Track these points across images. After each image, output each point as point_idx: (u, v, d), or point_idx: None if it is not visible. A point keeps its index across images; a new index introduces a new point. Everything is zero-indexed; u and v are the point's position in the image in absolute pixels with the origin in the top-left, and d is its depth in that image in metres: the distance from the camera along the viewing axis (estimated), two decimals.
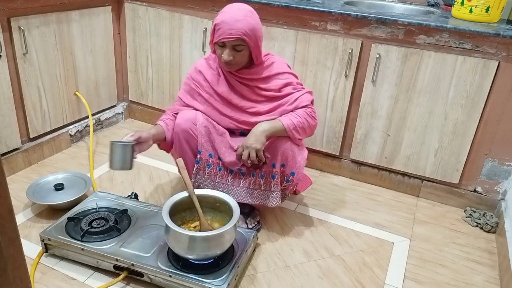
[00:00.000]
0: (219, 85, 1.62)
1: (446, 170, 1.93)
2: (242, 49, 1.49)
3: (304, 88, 1.62)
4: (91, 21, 2.23)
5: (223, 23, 1.45)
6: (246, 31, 1.44)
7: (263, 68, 1.60)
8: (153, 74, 2.46)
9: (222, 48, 1.49)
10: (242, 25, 1.44)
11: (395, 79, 1.88)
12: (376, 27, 1.85)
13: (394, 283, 1.52)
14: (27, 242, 1.56)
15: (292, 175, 1.59)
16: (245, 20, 1.45)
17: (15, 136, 1.96)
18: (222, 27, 1.44)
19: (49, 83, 2.07)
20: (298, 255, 1.61)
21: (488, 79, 1.73)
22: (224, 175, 1.65)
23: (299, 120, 1.53)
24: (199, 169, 1.64)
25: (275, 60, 1.63)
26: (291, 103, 1.56)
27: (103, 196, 1.70)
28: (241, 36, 1.44)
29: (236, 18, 1.44)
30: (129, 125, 2.61)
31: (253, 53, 1.52)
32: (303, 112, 1.55)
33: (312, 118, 1.57)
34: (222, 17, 1.46)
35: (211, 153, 1.63)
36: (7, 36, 1.82)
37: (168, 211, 1.37)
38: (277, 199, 1.60)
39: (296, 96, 1.57)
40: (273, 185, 1.59)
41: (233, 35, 1.43)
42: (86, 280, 1.42)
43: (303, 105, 1.56)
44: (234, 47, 1.48)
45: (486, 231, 1.84)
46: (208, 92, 1.64)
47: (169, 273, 1.34)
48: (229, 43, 1.46)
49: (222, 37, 1.45)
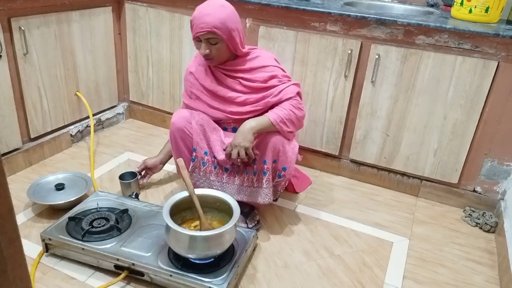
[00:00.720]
0: (206, 79, 1.68)
1: (446, 170, 1.94)
2: (217, 42, 1.54)
3: (290, 81, 1.64)
4: (91, 22, 2.23)
5: (194, 19, 1.53)
6: (216, 24, 1.50)
7: (247, 60, 1.65)
8: (153, 74, 2.47)
9: (199, 43, 1.56)
10: (211, 18, 1.50)
11: (394, 79, 1.89)
12: (376, 27, 1.86)
13: (393, 282, 1.52)
14: (28, 242, 1.57)
15: (283, 170, 1.58)
16: (213, 14, 1.50)
17: (16, 136, 1.96)
18: (195, 23, 1.53)
19: (50, 83, 2.08)
20: (298, 255, 1.62)
21: (488, 79, 1.73)
22: (219, 173, 1.66)
23: (285, 113, 1.55)
24: (194, 167, 1.65)
25: (260, 54, 1.67)
26: (275, 95, 1.59)
27: (104, 196, 1.71)
28: (211, 29, 1.50)
29: (205, 13, 1.51)
30: (130, 125, 2.61)
31: (230, 45, 1.56)
32: (288, 104, 1.57)
33: (298, 109, 1.59)
34: (194, 13, 1.55)
35: (206, 151, 1.64)
36: (8, 36, 1.83)
37: (168, 211, 1.38)
38: (268, 195, 1.60)
39: (281, 88, 1.59)
40: (265, 182, 1.58)
41: (204, 29, 1.50)
42: (87, 279, 1.43)
43: (287, 97, 1.58)
44: (208, 40, 1.54)
45: (486, 231, 1.84)
46: (198, 89, 1.70)
47: (170, 272, 1.35)
48: (202, 37, 1.53)
49: (195, 32, 1.53)
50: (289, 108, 1.57)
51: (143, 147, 2.34)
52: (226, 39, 1.54)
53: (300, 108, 1.60)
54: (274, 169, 1.58)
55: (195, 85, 1.71)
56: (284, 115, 1.54)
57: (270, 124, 1.53)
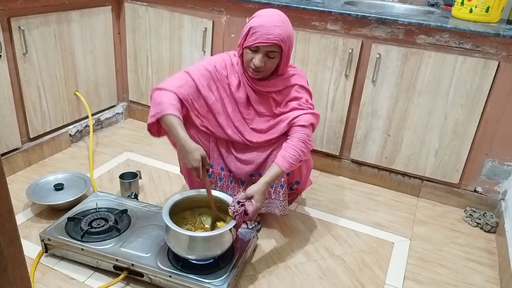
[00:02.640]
0: (238, 91, 1.54)
1: (446, 170, 1.93)
2: (275, 56, 1.42)
3: (310, 109, 1.53)
4: (91, 21, 2.23)
5: (261, 27, 1.37)
6: (283, 38, 1.39)
7: (283, 79, 1.53)
8: (153, 74, 2.46)
9: (254, 53, 1.42)
10: (281, 31, 1.38)
11: (395, 79, 1.88)
12: (376, 27, 1.85)
13: (394, 283, 1.52)
14: (27, 242, 1.56)
15: (296, 183, 1.61)
16: (283, 26, 1.39)
17: (15, 136, 1.95)
18: (259, 31, 1.37)
19: (49, 83, 2.07)
20: (298, 255, 1.61)
21: (488, 79, 1.73)
22: (235, 187, 1.65)
23: (295, 157, 1.44)
24: (211, 182, 1.61)
25: (296, 72, 1.57)
26: (289, 122, 1.50)
27: (103, 196, 1.70)
28: (279, 42, 1.38)
29: (275, 24, 1.38)
30: (129, 125, 2.61)
31: (283, 62, 1.46)
32: (298, 141, 1.46)
33: (306, 146, 1.47)
34: (259, 21, 1.39)
35: (223, 166, 1.63)
36: (7, 36, 1.82)
37: (168, 211, 1.37)
38: (286, 208, 1.61)
39: (296, 114, 1.50)
40: (282, 194, 1.59)
41: (271, 40, 1.37)
42: (86, 280, 1.42)
43: (299, 124, 1.48)
44: (268, 53, 1.41)
45: (486, 231, 1.84)
46: (226, 91, 1.55)
47: (169, 273, 1.34)
48: (263, 48, 1.39)
49: (258, 41, 1.38)
50: (299, 147, 1.45)
51: (143, 147, 2.33)
52: (285, 55, 1.44)
53: (309, 143, 1.48)
54: (287, 182, 1.59)
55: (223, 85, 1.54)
56: (294, 160, 1.44)
57: (281, 172, 1.44)
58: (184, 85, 1.48)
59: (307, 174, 1.64)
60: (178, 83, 1.48)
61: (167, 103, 1.42)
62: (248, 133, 1.56)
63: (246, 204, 1.37)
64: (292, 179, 1.62)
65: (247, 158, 1.58)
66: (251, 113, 1.56)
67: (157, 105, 1.44)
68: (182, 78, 1.50)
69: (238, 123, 1.55)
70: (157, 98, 1.46)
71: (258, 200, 1.39)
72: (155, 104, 1.45)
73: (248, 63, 1.45)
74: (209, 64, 1.54)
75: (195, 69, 1.53)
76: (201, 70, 1.53)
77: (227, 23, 2.15)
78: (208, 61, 1.57)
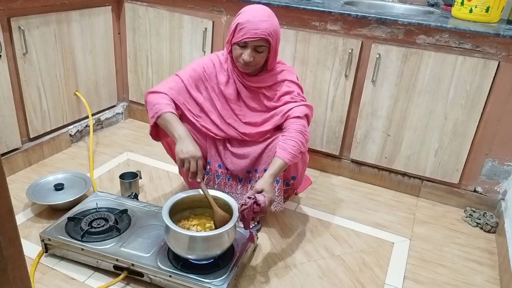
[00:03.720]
0: (228, 87, 1.58)
1: (446, 170, 1.93)
2: (263, 50, 1.46)
3: (303, 101, 1.57)
4: (91, 21, 2.23)
5: (247, 22, 1.42)
6: (270, 32, 1.43)
7: (272, 74, 1.57)
8: (153, 74, 2.46)
9: (243, 48, 1.46)
10: (267, 25, 1.42)
11: (395, 79, 1.88)
12: (376, 27, 1.85)
13: (394, 283, 1.52)
14: (27, 242, 1.56)
15: (292, 179, 1.61)
16: (269, 20, 1.43)
17: (15, 136, 1.95)
18: (246, 27, 1.42)
19: (49, 83, 2.07)
20: (298, 255, 1.61)
21: (488, 79, 1.73)
22: (233, 184, 1.66)
23: (295, 148, 1.46)
24: (209, 179, 1.64)
25: (285, 68, 1.60)
26: (283, 114, 1.53)
27: (103, 196, 1.70)
28: (266, 36, 1.42)
29: (261, 18, 1.42)
30: (129, 125, 2.61)
31: (271, 56, 1.50)
32: (295, 133, 1.48)
33: (304, 137, 1.50)
34: (246, 17, 1.43)
35: (220, 163, 1.63)
36: (7, 36, 1.82)
37: (168, 211, 1.37)
38: (280, 203, 1.63)
39: (290, 107, 1.53)
40: (277, 190, 1.59)
41: (258, 34, 1.41)
42: (86, 280, 1.42)
43: (294, 115, 1.51)
44: (256, 48, 1.45)
45: (486, 231, 1.84)
46: (214, 90, 1.59)
47: (169, 273, 1.34)
48: (251, 43, 1.44)
49: (245, 37, 1.42)
50: (298, 138, 1.47)
51: (143, 147, 2.33)
52: (273, 49, 1.48)
53: (306, 134, 1.51)
54: (283, 177, 1.59)
55: (212, 84, 1.58)
56: (295, 151, 1.46)
57: (285, 164, 1.45)
58: (175, 87, 1.55)
59: (303, 169, 1.65)
60: (169, 85, 1.55)
61: (162, 103, 1.49)
62: (242, 127, 1.59)
63: (256, 196, 1.37)
64: (288, 175, 1.62)
65: (242, 152, 1.61)
66: (243, 109, 1.59)
67: (153, 106, 1.50)
68: (172, 81, 1.57)
69: (230, 120, 1.59)
70: (152, 100, 1.52)
71: (269, 191, 1.39)
72: (150, 106, 1.52)
73: (237, 59, 1.49)
74: (197, 65, 1.61)
75: (184, 72, 1.60)
76: (189, 71, 1.60)
77: (227, 23, 2.15)
78: (197, 62, 1.63)
